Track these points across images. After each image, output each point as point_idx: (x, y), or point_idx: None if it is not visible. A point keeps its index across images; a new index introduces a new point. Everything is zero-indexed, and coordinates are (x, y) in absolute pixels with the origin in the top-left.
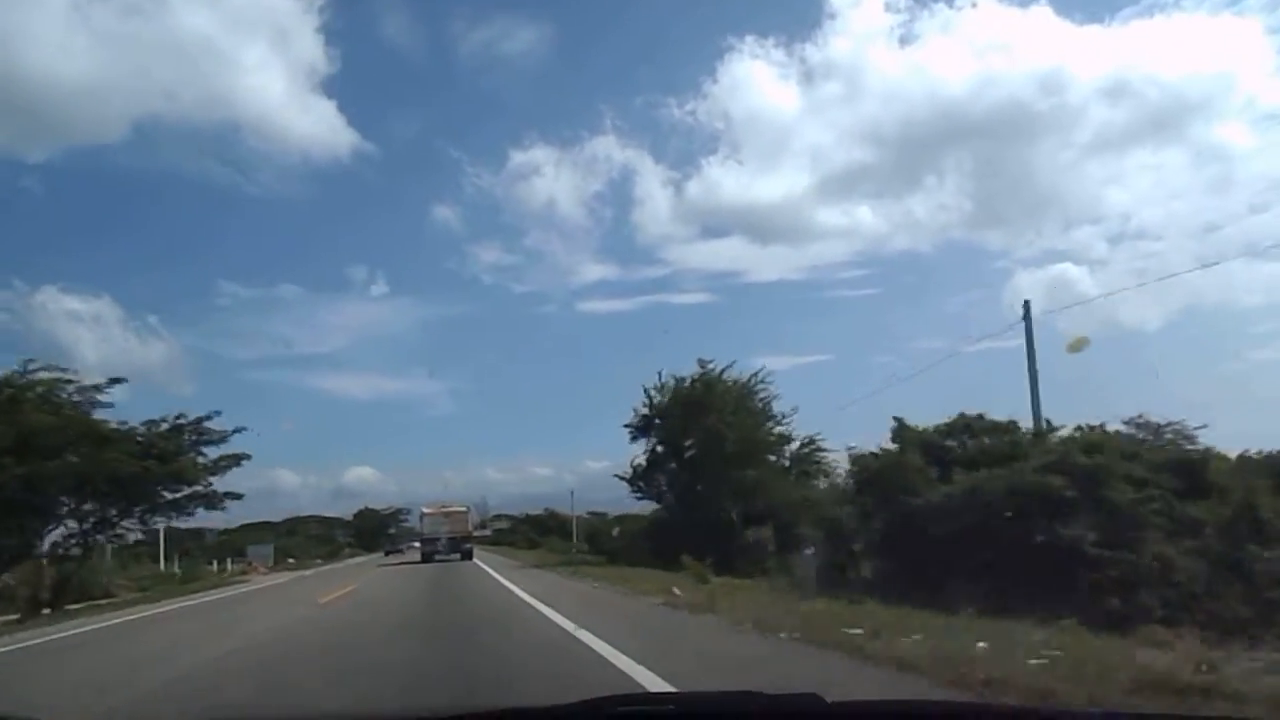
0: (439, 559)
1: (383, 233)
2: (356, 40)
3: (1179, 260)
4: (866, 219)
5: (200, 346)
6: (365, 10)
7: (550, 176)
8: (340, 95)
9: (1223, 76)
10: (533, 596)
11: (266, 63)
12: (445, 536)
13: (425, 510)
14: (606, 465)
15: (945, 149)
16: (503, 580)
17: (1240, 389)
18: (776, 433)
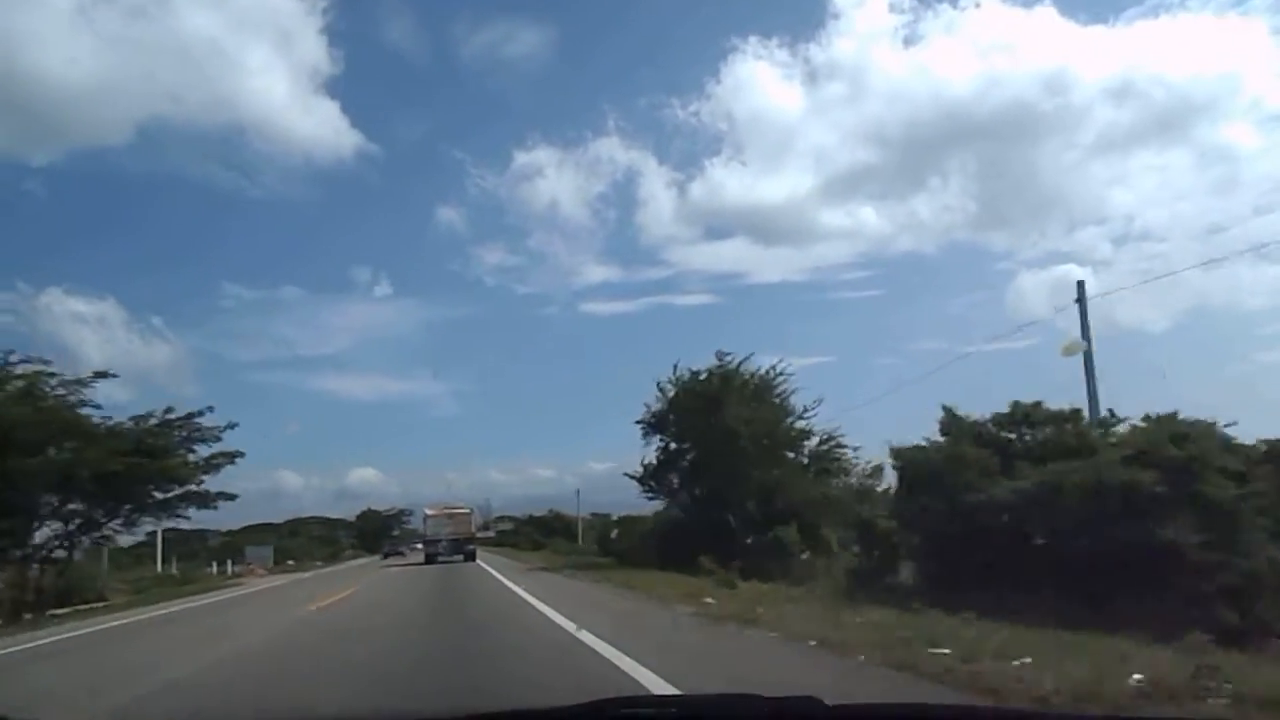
0: (442, 560)
1: (386, 234)
2: (360, 42)
3: (1183, 262)
4: (870, 220)
5: (204, 348)
6: (369, 12)
7: (553, 178)
8: (344, 97)
9: (1228, 77)
10: (547, 605)
11: (270, 65)
12: (448, 538)
13: (428, 511)
14: (610, 466)
15: (949, 150)
16: (511, 585)
17: (1248, 390)
18: (797, 428)
